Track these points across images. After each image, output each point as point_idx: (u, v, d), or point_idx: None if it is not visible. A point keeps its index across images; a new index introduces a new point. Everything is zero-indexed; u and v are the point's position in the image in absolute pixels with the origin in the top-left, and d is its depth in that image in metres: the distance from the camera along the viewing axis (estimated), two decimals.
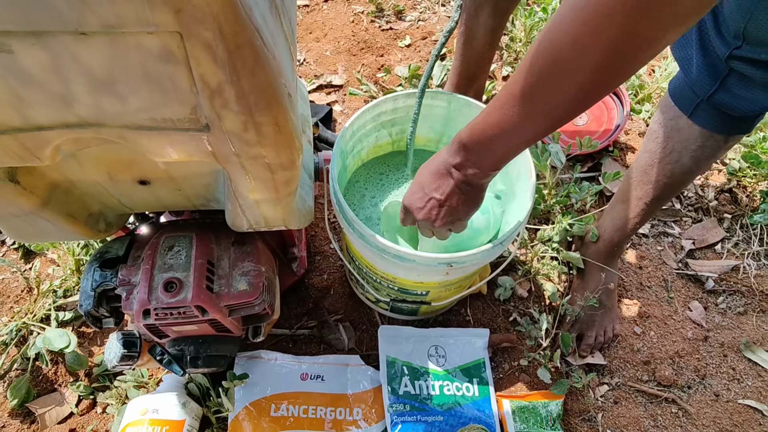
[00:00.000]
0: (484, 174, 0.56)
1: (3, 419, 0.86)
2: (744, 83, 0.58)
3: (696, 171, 0.72)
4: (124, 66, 0.37)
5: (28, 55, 0.35)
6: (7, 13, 0.32)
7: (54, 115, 0.41)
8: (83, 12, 0.33)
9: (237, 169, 0.50)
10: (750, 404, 0.92)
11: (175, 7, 0.34)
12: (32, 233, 0.60)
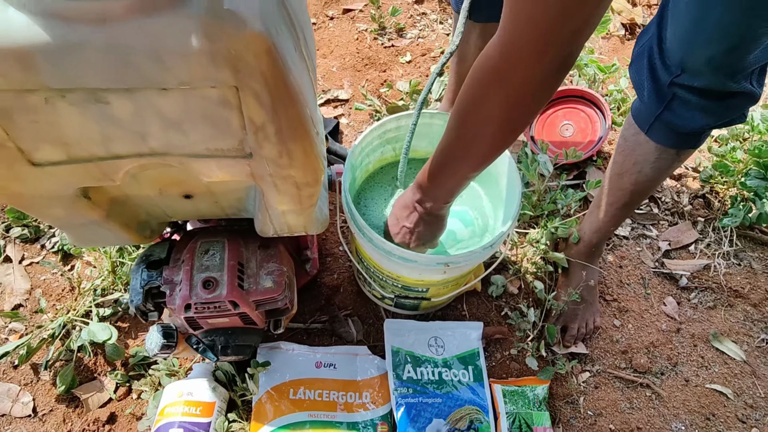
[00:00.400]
0: (438, 206, 0.71)
1: (51, 404, 0.97)
2: (685, 106, 0.69)
3: (658, 179, 0.83)
4: (190, 111, 0.48)
5: (119, 105, 0.46)
6: (109, 75, 0.43)
7: (130, 147, 0.52)
8: (166, 75, 0.44)
9: (270, 186, 0.60)
10: (716, 388, 1.02)
11: (234, 67, 0.44)
12: (92, 239, 0.71)
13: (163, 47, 0.42)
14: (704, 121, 0.70)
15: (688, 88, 0.67)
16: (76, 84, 0.43)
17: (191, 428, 0.84)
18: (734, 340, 1.08)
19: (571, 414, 0.99)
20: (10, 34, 0.40)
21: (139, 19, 0.41)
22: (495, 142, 0.58)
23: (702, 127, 0.71)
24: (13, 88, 0.43)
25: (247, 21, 0.43)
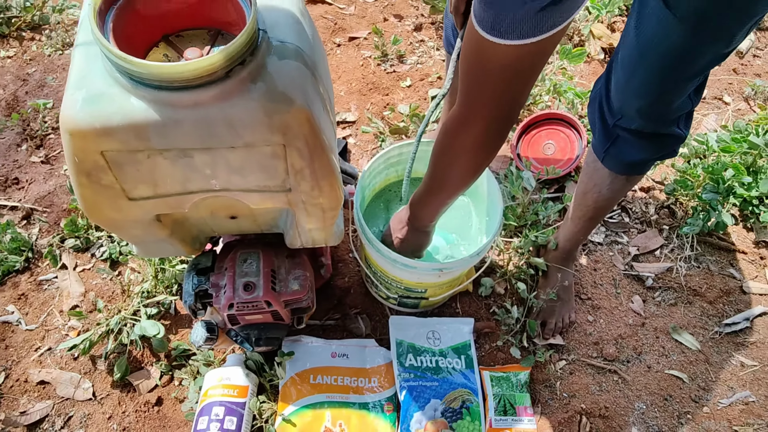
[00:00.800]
0: (424, 224, 0.92)
1: (107, 389, 1.14)
2: (626, 144, 0.86)
3: (615, 198, 1.00)
4: (250, 161, 0.65)
5: (199, 158, 0.63)
6: (196, 140, 0.60)
7: (201, 186, 0.69)
8: (236, 139, 0.61)
9: (302, 211, 0.78)
10: (674, 374, 1.19)
11: (284, 132, 0.62)
12: (157, 252, 0.88)
13: (235, 121, 0.59)
14: (641, 155, 0.87)
15: (627, 130, 0.84)
16: (172, 146, 0.61)
17: (230, 406, 1.01)
18: (691, 332, 1.25)
19: (548, 396, 1.16)
20: (132, 115, 0.57)
21: (220, 103, 0.58)
22: (462, 177, 0.77)
23: (641, 160, 0.88)
24: (127, 150, 0.60)
25: (294, 99, 0.60)
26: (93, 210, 0.69)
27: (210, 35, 0.69)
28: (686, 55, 0.72)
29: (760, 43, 1.83)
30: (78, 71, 0.59)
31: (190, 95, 0.56)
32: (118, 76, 0.57)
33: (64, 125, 0.58)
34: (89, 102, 0.57)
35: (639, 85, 0.77)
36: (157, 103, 0.57)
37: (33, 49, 1.71)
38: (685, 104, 0.79)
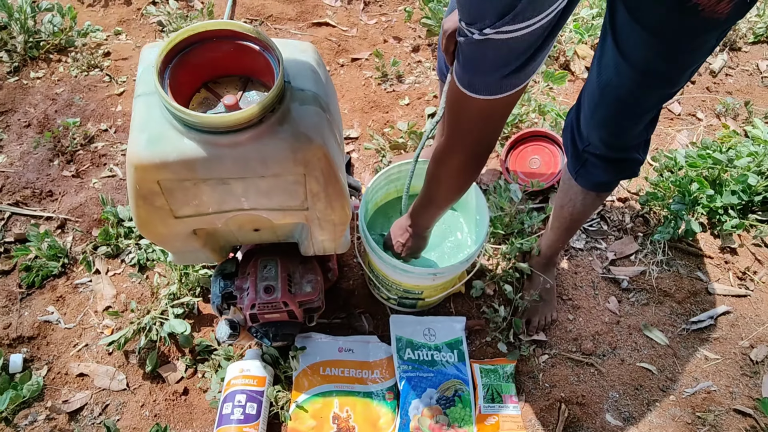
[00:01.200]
0: (422, 231, 1.06)
1: (139, 381, 1.28)
2: (593, 166, 1.00)
3: (587, 212, 1.14)
4: (276, 187, 0.79)
5: (235, 185, 0.78)
6: (234, 171, 0.74)
7: (234, 206, 0.83)
8: (266, 170, 0.75)
9: (316, 225, 0.92)
10: (645, 366, 1.33)
11: (305, 165, 0.76)
12: (191, 259, 1.02)
13: (266, 156, 0.74)
14: (607, 177, 1.01)
15: (594, 155, 0.98)
16: (214, 176, 0.75)
17: (251, 394, 1.15)
18: (661, 329, 1.39)
19: (532, 386, 1.30)
20: (184, 153, 0.71)
21: (254, 143, 0.72)
22: (449, 194, 0.92)
23: (607, 180, 1.03)
24: (178, 179, 0.74)
25: (313, 139, 0.75)
26: (145, 226, 0.83)
27: (241, 81, 0.84)
28: (639, 97, 0.86)
29: (732, 63, 1.97)
30: (140, 117, 0.74)
31: (231, 137, 0.71)
32: (174, 121, 0.71)
33: (130, 160, 0.72)
34: (151, 142, 0.71)
35: (600, 119, 0.91)
36: (204, 143, 0.71)
37: (60, 71, 1.86)
38: (641, 134, 0.94)
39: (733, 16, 0.77)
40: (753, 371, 1.32)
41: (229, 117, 0.68)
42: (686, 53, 0.80)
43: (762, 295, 1.44)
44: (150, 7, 2.00)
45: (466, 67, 0.66)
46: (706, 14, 0.73)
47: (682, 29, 0.75)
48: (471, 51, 0.63)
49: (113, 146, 1.69)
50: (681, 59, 0.80)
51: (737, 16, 0.78)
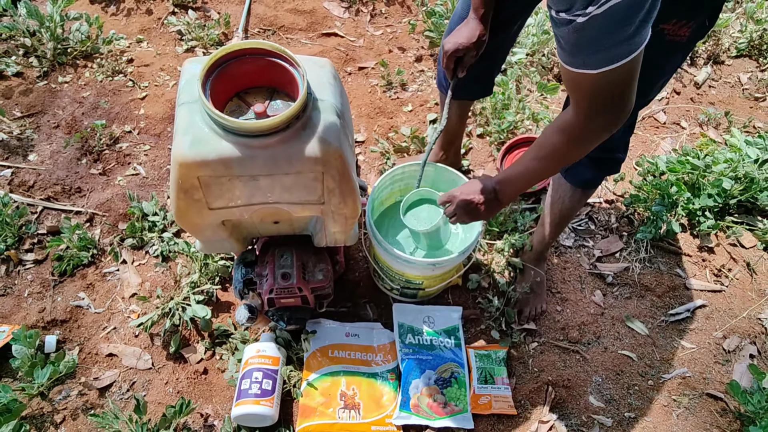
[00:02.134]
0: (504, 201, 1.02)
1: (163, 361, 1.40)
2: (580, 165, 1.12)
3: (575, 208, 1.26)
4: (297, 183, 0.92)
5: (263, 181, 0.90)
6: (264, 169, 0.87)
7: (260, 199, 0.95)
8: (291, 168, 0.88)
9: (330, 218, 1.04)
10: (626, 353, 1.45)
11: (323, 164, 0.88)
12: (217, 248, 1.15)
13: (292, 156, 0.86)
14: (592, 174, 1.14)
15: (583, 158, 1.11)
16: (247, 173, 0.87)
17: (267, 371, 1.27)
18: (642, 320, 1.51)
19: (522, 370, 1.42)
20: (222, 153, 0.84)
21: (282, 145, 0.85)
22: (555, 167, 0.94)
23: (592, 177, 1.15)
24: (216, 176, 0.87)
25: (331, 142, 0.87)
26: (183, 216, 0.95)
27: (268, 91, 0.96)
28: None
29: (715, 75, 2.10)
30: (184, 122, 0.86)
31: (263, 140, 0.83)
32: (214, 126, 0.84)
33: (175, 159, 0.85)
34: (193, 144, 0.84)
35: None
36: (240, 145, 0.84)
37: (86, 76, 1.99)
38: (621, 137, 1.07)
39: (693, 38, 0.90)
40: (725, 359, 1.44)
41: (262, 123, 0.80)
42: (655, 70, 0.92)
43: (736, 291, 1.56)
44: (171, 17, 2.13)
45: (576, 51, 0.70)
46: (671, 38, 0.87)
47: (652, 50, 0.87)
48: (579, 35, 0.66)
49: (136, 147, 1.82)
50: (651, 75, 0.92)
51: (697, 38, 0.91)
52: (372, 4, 2.27)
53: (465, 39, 1.11)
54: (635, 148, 1.87)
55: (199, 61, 0.93)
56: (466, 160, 1.78)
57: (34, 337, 1.33)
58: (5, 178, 1.69)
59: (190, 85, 0.89)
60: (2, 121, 1.81)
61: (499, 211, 1.08)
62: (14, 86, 1.92)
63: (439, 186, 1.41)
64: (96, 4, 2.18)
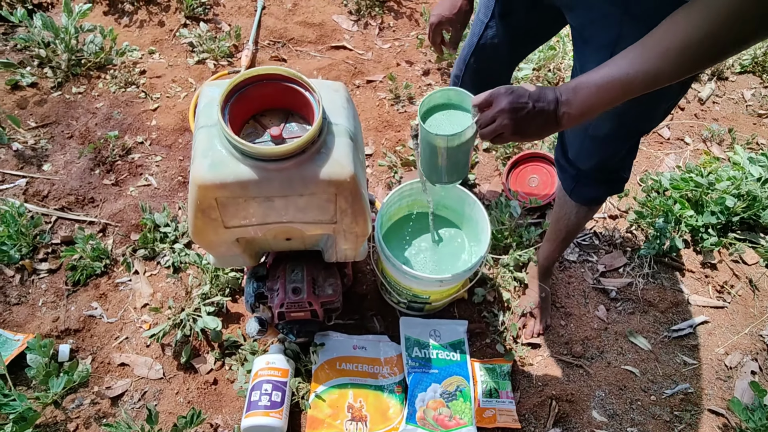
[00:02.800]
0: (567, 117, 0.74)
1: (174, 371, 1.42)
2: (584, 185, 1.14)
3: (581, 224, 1.29)
4: (311, 204, 0.95)
5: (278, 202, 0.93)
6: (279, 191, 0.90)
7: (275, 219, 0.98)
8: (305, 189, 0.90)
9: (341, 236, 1.07)
10: (629, 369, 1.47)
11: (336, 187, 0.91)
12: (230, 263, 1.17)
13: (307, 178, 0.89)
14: (597, 193, 1.17)
15: (585, 177, 1.13)
16: (263, 194, 0.90)
17: (276, 383, 1.29)
18: (645, 336, 1.53)
19: (526, 384, 1.44)
20: (240, 175, 0.87)
21: (297, 168, 0.88)
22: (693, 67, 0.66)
23: (597, 196, 1.18)
24: (233, 197, 0.90)
25: (345, 165, 0.90)
26: (200, 234, 0.98)
27: (283, 114, 0.99)
28: (618, 137, 1.02)
29: (719, 91, 2.13)
30: (203, 145, 0.89)
31: (279, 164, 0.86)
32: (233, 150, 0.87)
33: (194, 181, 0.88)
34: (213, 167, 0.87)
35: (587, 154, 1.07)
36: (257, 168, 0.87)
37: (100, 86, 2.03)
38: (624, 159, 1.09)
39: None
40: (727, 375, 1.46)
41: (279, 149, 0.83)
42: (654, 98, 0.92)
43: (738, 307, 1.58)
44: (183, 29, 2.17)
45: None
46: None
47: None
48: None
49: (148, 157, 1.85)
50: (649, 104, 0.94)
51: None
52: (380, 18, 2.30)
53: (447, 11, 1.10)
54: (639, 163, 1.89)
55: (217, 84, 0.96)
56: (473, 174, 1.81)
57: (49, 346, 1.36)
58: (20, 188, 1.73)
59: (208, 109, 0.92)
60: (17, 131, 1.84)
61: (553, 132, 0.79)
62: (29, 96, 1.96)
63: (447, 203, 1.44)
64: (109, 16, 2.22)
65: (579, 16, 0.93)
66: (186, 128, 1.92)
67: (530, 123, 0.77)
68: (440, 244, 1.42)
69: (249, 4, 2.31)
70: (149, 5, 2.25)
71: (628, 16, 0.80)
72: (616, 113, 0.95)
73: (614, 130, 0.98)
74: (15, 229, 1.55)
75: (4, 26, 2.14)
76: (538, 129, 0.78)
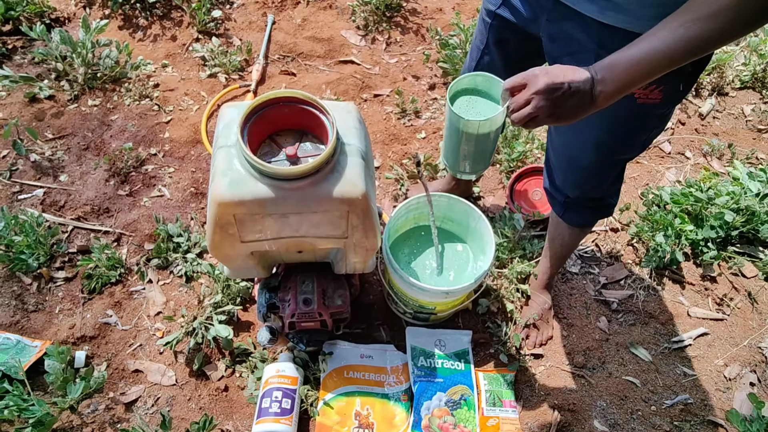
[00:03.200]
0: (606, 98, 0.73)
1: (186, 378, 1.47)
2: (574, 210, 1.19)
3: (574, 243, 1.33)
4: (324, 220, 0.99)
5: (293, 218, 0.97)
6: (294, 207, 0.94)
7: (289, 233, 1.03)
8: (319, 207, 0.95)
9: (351, 250, 1.11)
10: (629, 379, 1.50)
11: (349, 205, 0.96)
12: (244, 274, 1.22)
13: (321, 196, 0.94)
14: (585, 219, 1.21)
15: (573, 203, 1.18)
16: (278, 211, 0.95)
17: (286, 391, 1.33)
18: (645, 347, 1.56)
19: (529, 393, 1.47)
20: (258, 193, 0.92)
21: (312, 187, 0.92)
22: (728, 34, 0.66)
23: (586, 220, 1.22)
24: (250, 213, 0.95)
25: (357, 184, 0.95)
26: (217, 248, 1.03)
27: (298, 134, 1.04)
28: (599, 165, 1.06)
29: (719, 107, 2.17)
30: (222, 164, 0.94)
31: (295, 183, 0.91)
32: (250, 169, 0.91)
33: (214, 199, 0.92)
34: (232, 185, 0.92)
35: (572, 184, 1.13)
36: (273, 187, 0.91)
37: (114, 99, 2.09)
38: (610, 186, 1.14)
39: (670, 101, 0.90)
40: (726, 387, 1.49)
41: (296, 169, 0.88)
42: (631, 130, 0.96)
43: (737, 320, 1.61)
44: (195, 44, 2.24)
45: None
46: (642, 100, 0.89)
47: (625, 111, 0.90)
48: None
49: (161, 169, 1.91)
50: (627, 136, 0.97)
51: (673, 101, 0.92)
52: (387, 33, 2.36)
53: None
54: (641, 177, 1.94)
55: (235, 106, 1.01)
56: (477, 187, 1.86)
57: (66, 352, 1.41)
58: (38, 198, 1.79)
59: (227, 130, 0.97)
60: (35, 142, 1.90)
61: (589, 112, 0.77)
62: (46, 109, 2.02)
63: (452, 217, 1.48)
64: (124, 31, 2.29)
65: (559, 47, 0.97)
66: (198, 140, 1.98)
67: (566, 103, 0.76)
68: (446, 257, 1.47)
69: (260, 19, 2.38)
70: (163, 20, 2.32)
71: (602, 50, 0.84)
72: (595, 144, 1.00)
73: (597, 160, 1.03)
74: (33, 238, 1.61)
75: (23, 40, 2.21)
76: (573, 110, 0.76)
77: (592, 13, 0.84)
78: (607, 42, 0.84)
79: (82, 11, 2.31)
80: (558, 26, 0.94)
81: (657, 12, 0.74)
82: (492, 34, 1.13)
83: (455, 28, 2.16)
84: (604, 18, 0.83)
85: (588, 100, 0.75)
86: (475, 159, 0.99)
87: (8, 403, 1.27)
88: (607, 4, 0.81)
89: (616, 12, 0.81)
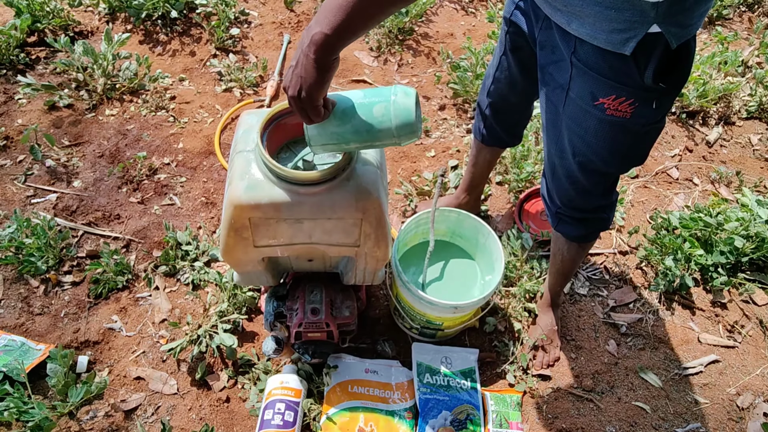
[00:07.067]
0: (326, 45, 0.70)
1: (188, 387, 1.45)
2: (567, 224, 1.19)
3: (576, 260, 1.32)
4: (337, 227, 1.00)
5: (307, 224, 0.98)
6: (309, 213, 0.95)
7: (302, 240, 1.03)
8: (333, 213, 0.96)
9: (362, 259, 1.11)
10: (639, 405, 1.47)
11: (363, 212, 0.96)
12: (254, 281, 1.22)
13: (335, 203, 0.94)
14: (579, 232, 1.21)
15: (566, 215, 1.18)
16: (293, 216, 0.96)
17: (289, 403, 1.31)
18: (655, 372, 1.53)
19: (536, 415, 1.44)
20: (274, 198, 0.93)
21: (327, 193, 0.93)
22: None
23: (581, 234, 1.22)
24: (265, 217, 0.95)
25: (371, 192, 0.96)
26: (229, 251, 1.03)
27: None
28: (583, 179, 1.07)
29: (726, 135, 2.19)
30: (240, 168, 0.95)
31: (311, 188, 0.92)
32: (269, 173, 0.93)
33: (230, 201, 0.93)
34: (249, 188, 0.93)
35: (558, 192, 1.14)
36: (290, 191, 0.93)
37: (131, 110, 2.13)
38: (600, 201, 1.14)
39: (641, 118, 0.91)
40: (739, 416, 1.45)
41: (313, 174, 0.89)
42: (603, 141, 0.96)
43: (749, 348, 1.58)
44: (212, 59, 2.30)
45: None
46: (611, 111, 0.90)
47: (594, 121, 0.93)
48: None
49: (173, 178, 1.93)
50: (600, 147, 0.98)
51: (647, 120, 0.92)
52: (399, 55, 2.42)
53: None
54: (649, 201, 1.94)
55: (255, 113, 1.03)
56: (485, 206, 1.86)
57: (69, 356, 1.39)
58: (50, 203, 1.80)
59: (246, 136, 0.99)
60: (51, 148, 1.93)
61: (325, 58, 0.72)
62: (64, 117, 2.06)
63: (461, 233, 1.48)
64: (144, 45, 2.35)
65: (545, 55, 1.01)
66: (211, 151, 2.01)
67: (298, 67, 0.74)
68: (454, 272, 1.46)
69: (276, 38, 2.44)
70: (182, 36, 2.39)
71: (575, 58, 0.90)
72: (573, 153, 1.03)
73: (577, 170, 1.05)
74: (44, 241, 1.62)
75: (46, 51, 2.28)
76: (302, 67, 0.73)
77: (561, 23, 0.89)
78: (580, 53, 0.89)
79: (105, 25, 2.39)
80: (546, 35, 0.99)
81: (612, 27, 0.80)
82: (508, 41, 1.18)
83: (466, 52, 2.21)
84: (570, 29, 0.87)
85: (306, 42, 0.72)
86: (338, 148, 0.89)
87: (8, 405, 1.26)
88: (570, 17, 0.86)
89: (579, 25, 0.85)
